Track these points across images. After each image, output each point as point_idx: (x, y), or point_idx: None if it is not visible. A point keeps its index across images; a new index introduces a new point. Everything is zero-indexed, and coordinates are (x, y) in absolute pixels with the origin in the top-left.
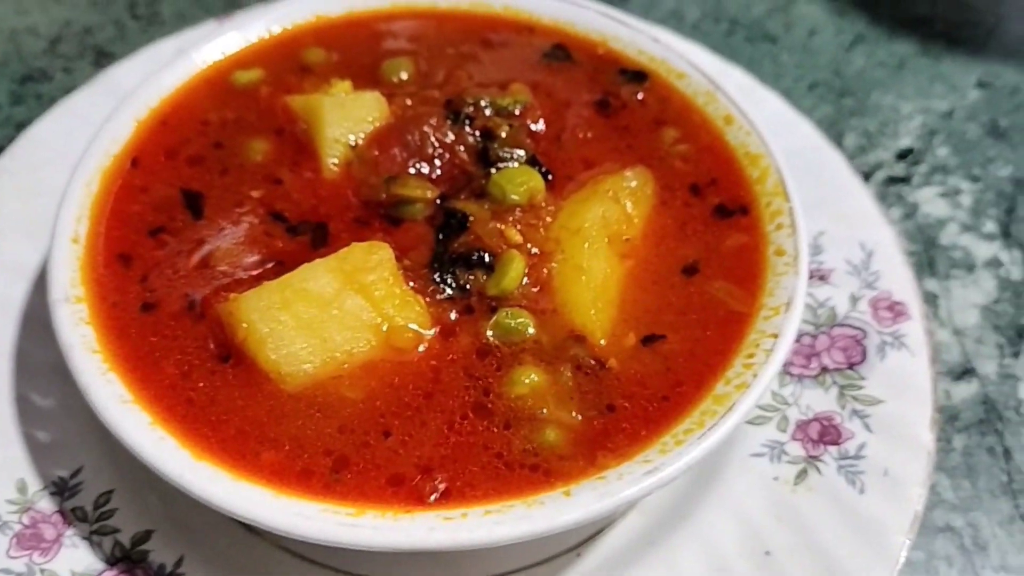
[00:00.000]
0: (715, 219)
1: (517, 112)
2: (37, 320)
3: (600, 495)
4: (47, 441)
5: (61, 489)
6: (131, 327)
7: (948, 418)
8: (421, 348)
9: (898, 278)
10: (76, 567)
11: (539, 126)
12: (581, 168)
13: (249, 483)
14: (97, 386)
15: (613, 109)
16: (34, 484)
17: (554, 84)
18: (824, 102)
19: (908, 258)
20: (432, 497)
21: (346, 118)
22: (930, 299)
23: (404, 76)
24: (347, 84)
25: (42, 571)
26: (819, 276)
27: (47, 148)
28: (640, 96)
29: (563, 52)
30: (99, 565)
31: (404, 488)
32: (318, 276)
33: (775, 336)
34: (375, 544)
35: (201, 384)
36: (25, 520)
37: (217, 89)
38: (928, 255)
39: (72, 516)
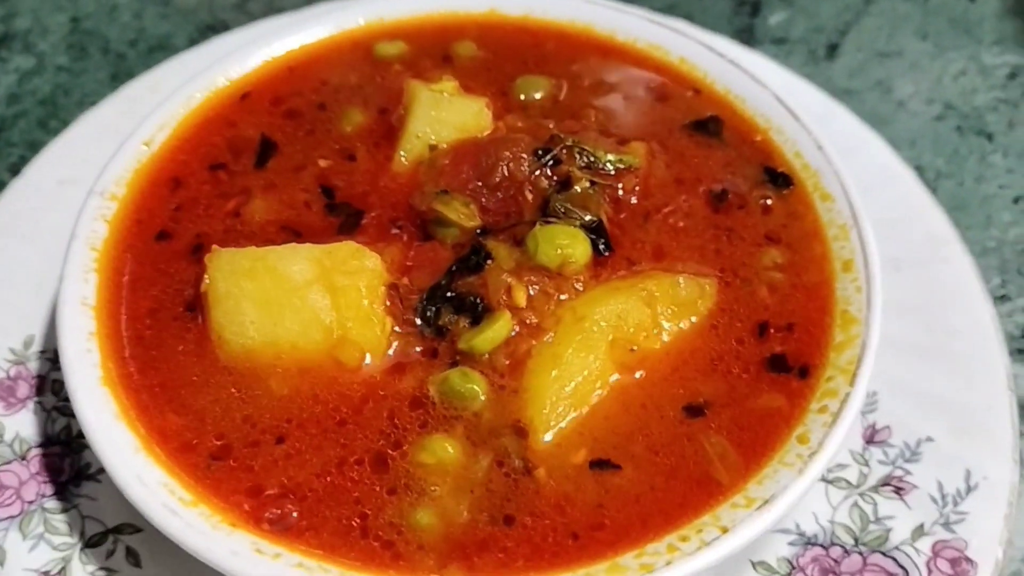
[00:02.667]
0: (762, 369)
1: (612, 172)
2: None
3: None
4: None
5: (56, 361)
6: (140, 248)
7: None
8: (363, 370)
9: (987, 533)
10: (23, 432)
11: (632, 196)
12: (648, 256)
13: (133, 432)
14: (73, 287)
15: (728, 205)
16: (37, 345)
17: (683, 157)
18: None
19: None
20: (266, 524)
21: (437, 118)
22: None
23: (536, 96)
24: (453, 84)
25: None
26: (896, 487)
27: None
28: (769, 202)
29: (715, 126)
30: (38, 439)
31: (253, 501)
32: (296, 260)
33: (724, 530)
34: (178, 537)
35: (158, 325)
36: (12, 372)
37: (358, 53)
38: None
39: (49, 387)
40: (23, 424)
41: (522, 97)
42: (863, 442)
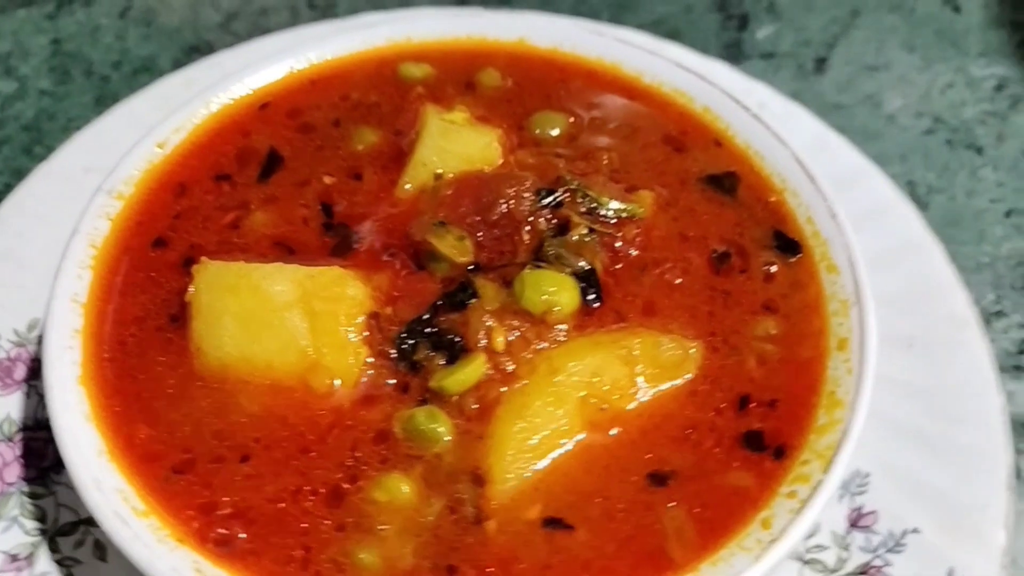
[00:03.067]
0: (737, 444)
1: (614, 220)
2: None
3: None
4: None
5: None
6: (137, 252)
7: None
8: (333, 397)
9: None
10: (13, 414)
11: (632, 247)
12: (639, 311)
13: (100, 435)
14: (66, 283)
15: (730, 267)
16: (40, 329)
17: (692, 212)
18: (1019, 234)
19: None
20: (211, 544)
21: (445, 147)
22: None
23: (552, 133)
24: (465, 115)
25: None
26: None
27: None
28: (773, 269)
29: (731, 183)
30: (26, 422)
31: (203, 518)
32: (280, 280)
33: None
34: (123, 547)
35: (142, 333)
36: (12, 353)
37: (383, 72)
38: None
39: None
40: (14, 406)
41: (537, 132)
42: (847, 525)
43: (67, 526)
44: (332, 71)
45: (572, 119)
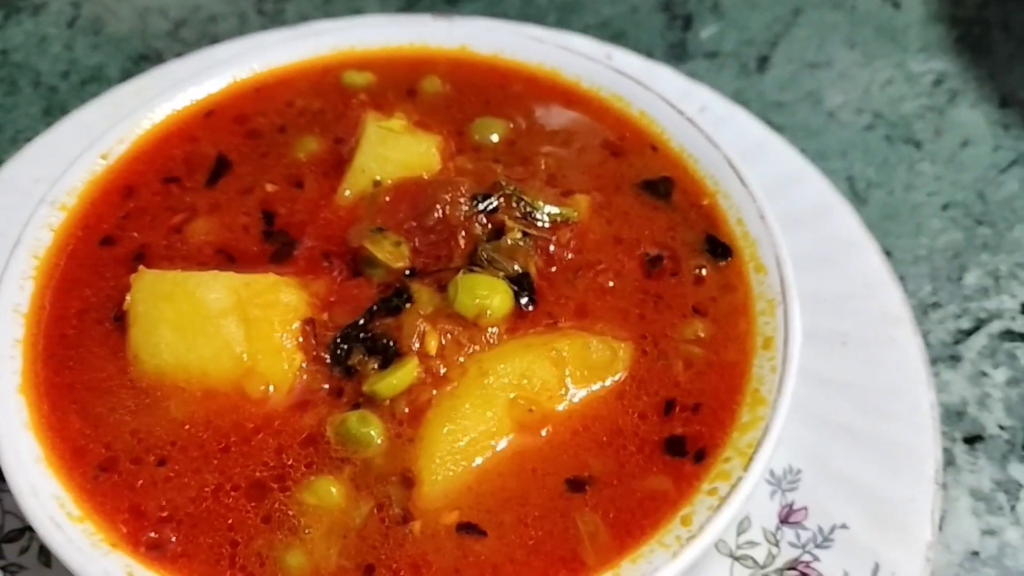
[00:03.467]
0: (658, 450)
1: (548, 225)
2: None
3: None
4: None
5: None
6: (82, 252)
7: None
8: (267, 403)
9: None
10: None
11: (566, 251)
12: (571, 313)
13: (38, 442)
14: (7, 295)
15: (662, 271)
16: None
17: (626, 216)
18: (955, 227)
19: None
20: (143, 548)
21: (383, 155)
22: None
23: (492, 139)
24: (403, 122)
25: None
26: (802, 572)
27: None
28: (703, 272)
29: (665, 188)
30: None
31: (134, 522)
32: (215, 288)
33: None
34: (58, 552)
35: (82, 326)
36: None
37: (325, 79)
38: None
39: None
40: None
41: (477, 138)
42: (777, 521)
43: (13, 532)
44: (277, 78)
45: (512, 125)
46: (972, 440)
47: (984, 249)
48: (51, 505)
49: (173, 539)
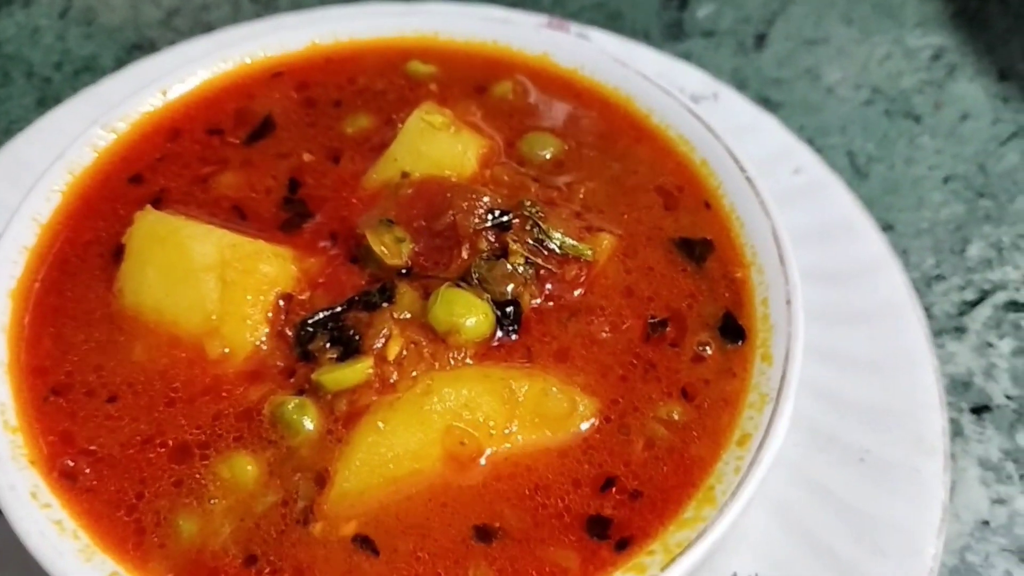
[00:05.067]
0: (579, 524)
1: (559, 255)
2: None
3: None
4: None
5: None
6: (112, 184)
7: None
8: (221, 366)
9: None
10: None
11: (573, 288)
12: (550, 355)
13: (8, 351)
14: (30, 203)
15: (662, 338)
16: None
17: (649, 271)
18: (957, 200)
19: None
20: (56, 472)
21: (416, 148)
22: None
23: (543, 155)
24: (446, 119)
25: None
26: None
27: None
28: (708, 351)
29: (702, 252)
30: None
31: (59, 446)
32: (204, 242)
33: None
34: None
35: (85, 255)
36: None
37: (395, 62)
38: None
39: None
40: None
41: (525, 151)
42: None
43: None
44: (350, 52)
45: (567, 147)
46: (979, 410)
47: (986, 221)
48: None
49: (87, 471)
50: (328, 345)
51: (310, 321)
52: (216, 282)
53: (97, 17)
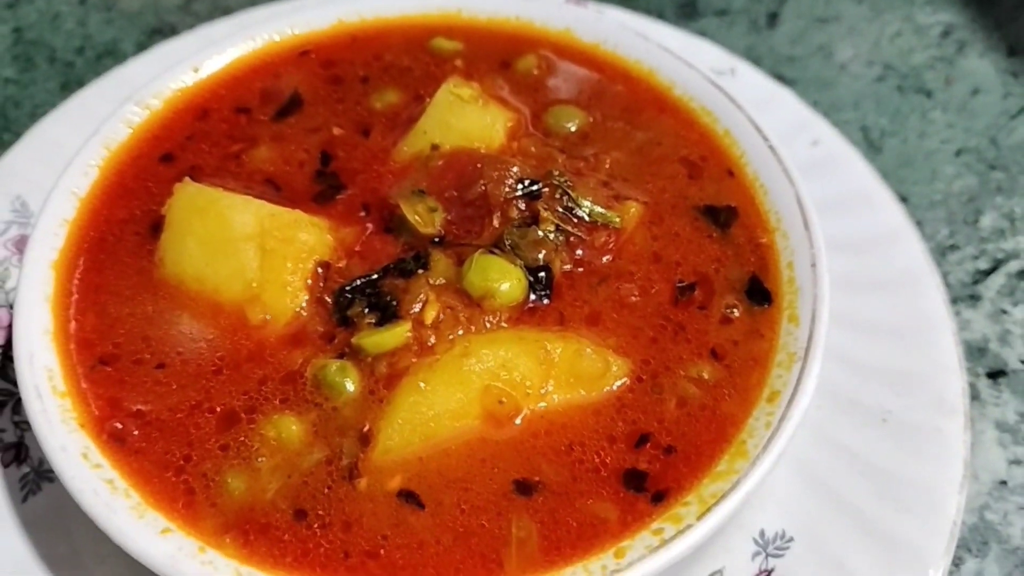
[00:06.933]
0: (615, 478)
1: (587, 223)
2: None
3: (170, 557)
4: None
5: None
6: (143, 163)
7: None
8: (263, 331)
9: None
10: None
11: (602, 254)
12: (582, 318)
13: (52, 315)
14: (69, 178)
15: (690, 301)
16: None
17: (676, 236)
18: (969, 172)
19: None
20: (105, 435)
21: (446, 121)
22: None
23: (569, 127)
24: (474, 92)
25: None
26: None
27: None
28: (735, 313)
29: (726, 218)
30: None
31: (108, 409)
32: (244, 212)
33: None
34: (30, 419)
35: (122, 233)
36: None
37: (421, 39)
38: None
39: None
40: None
41: (551, 123)
42: None
43: None
44: (376, 30)
45: (591, 119)
46: (995, 375)
47: (998, 192)
48: (41, 375)
49: (135, 433)
50: (366, 311)
51: (348, 288)
52: (256, 251)
53: (117, 2)
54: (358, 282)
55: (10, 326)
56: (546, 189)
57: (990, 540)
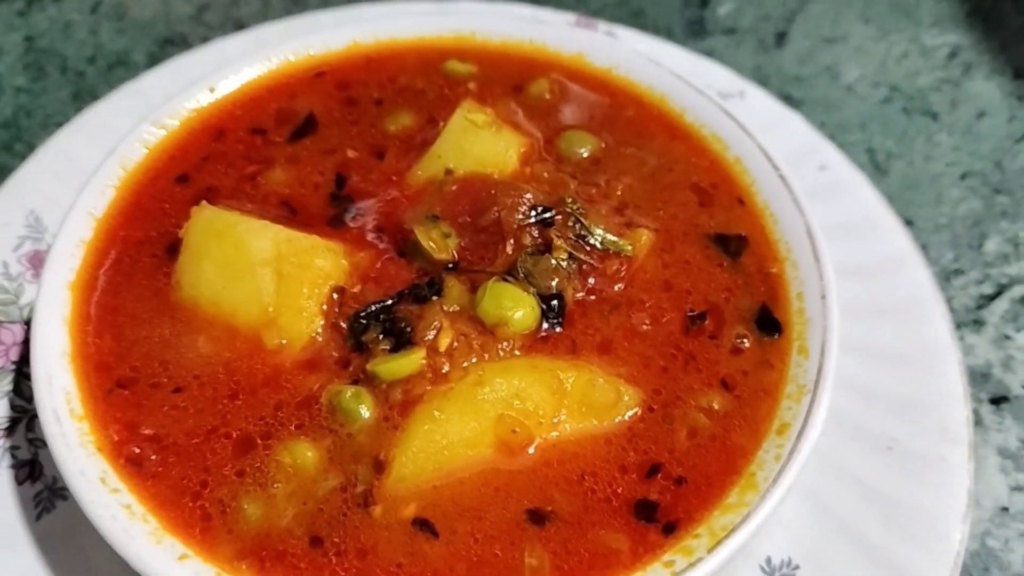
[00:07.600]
0: (627, 509)
1: (600, 251)
2: None
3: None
4: None
5: None
6: (160, 184)
7: None
8: (279, 356)
9: None
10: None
11: (613, 282)
12: (593, 347)
13: (69, 337)
14: (86, 198)
15: (701, 330)
16: None
17: (686, 265)
18: (974, 196)
19: None
20: (123, 459)
21: (460, 146)
22: None
23: (581, 153)
24: (488, 117)
25: None
26: None
27: None
28: (745, 343)
29: (736, 247)
30: None
31: (125, 433)
32: (260, 237)
33: None
34: (48, 442)
35: (138, 255)
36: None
37: (426, 62)
38: None
39: None
40: None
41: (563, 149)
42: None
43: None
44: (390, 52)
45: (604, 144)
46: (998, 401)
47: (1003, 217)
48: (59, 398)
49: (153, 458)
50: (381, 336)
51: (363, 313)
52: (273, 276)
53: (128, 12)
54: (373, 308)
55: (24, 342)
56: (559, 216)
57: (991, 566)
